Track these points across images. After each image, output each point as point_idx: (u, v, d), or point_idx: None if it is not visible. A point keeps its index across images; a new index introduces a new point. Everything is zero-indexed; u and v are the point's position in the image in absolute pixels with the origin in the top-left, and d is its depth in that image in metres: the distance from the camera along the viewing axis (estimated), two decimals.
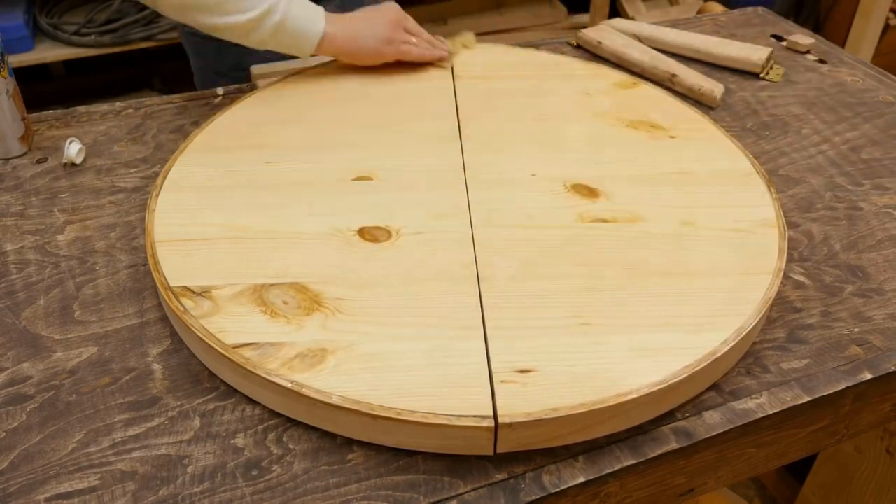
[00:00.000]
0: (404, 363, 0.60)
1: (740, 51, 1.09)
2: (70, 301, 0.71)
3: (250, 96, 0.94)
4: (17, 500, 0.55)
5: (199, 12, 0.86)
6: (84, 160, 0.89)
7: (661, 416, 0.61)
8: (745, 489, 1.49)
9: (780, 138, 0.96)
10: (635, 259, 0.70)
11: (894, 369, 0.67)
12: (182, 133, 0.94)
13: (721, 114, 1.00)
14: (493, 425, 0.55)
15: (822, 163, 0.91)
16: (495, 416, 0.55)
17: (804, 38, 1.17)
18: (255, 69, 1.02)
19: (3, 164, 0.89)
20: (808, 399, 0.64)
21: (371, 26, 0.95)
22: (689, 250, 0.71)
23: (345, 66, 1.00)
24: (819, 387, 0.65)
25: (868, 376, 0.66)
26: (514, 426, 0.55)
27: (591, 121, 0.90)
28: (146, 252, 0.71)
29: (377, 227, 0.73)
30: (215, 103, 1.00)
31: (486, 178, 0.80)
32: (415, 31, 1.00)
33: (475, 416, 0.55)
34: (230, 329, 0.62)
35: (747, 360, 0.67)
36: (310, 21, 0.90)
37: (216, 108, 0.98)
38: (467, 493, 0.56)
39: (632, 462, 0.59)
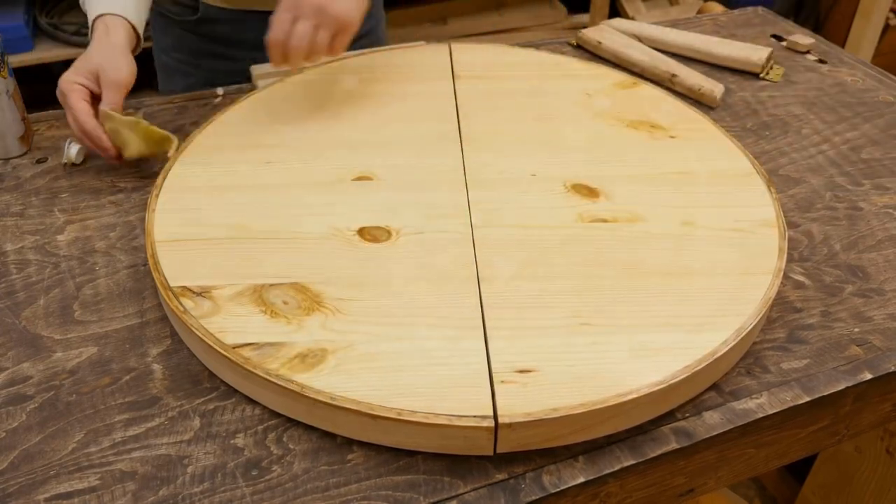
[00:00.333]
0: (404, 363, 0.60)
1: (740, 51, 1.09)
2: (70, 301, 0.71)
3: (250, 96, 0.94)
4: (17, 500, 0.55)
5: None
6: (84, 160, 0.89)
7: (661, 416, 0.61)
8: (745, 489, 1.49)
9: (780, 138, 0.96)
10: (635, 259, 0.70)
11: (894, 369, 0.67)
12: (182, 133, 0.93)
13: (721, 114, 1.00)
14: (493, 425, 0.55)
15: (822, 163, 0.91)
16: (495, 417, 0.55)
17: (804, 38, 1.17)
18: (256, 69, 1.02)
19: (3, 164, 0.89)
20: (808, 399, 0.64)
21: (85, 58, 0.90)
22: (689, 250, 0.71)
23: (345, 66, 1.00)
24: (819, 387, 0.65)
25: (868, 376, 0.66)
26: (514, 426, 0.55)
27: (591, 121, 0.90)
28: (146, 252, 0.71)
29: (377, 227, 0.73)
30: (215, 103, 1.00)
31: (486, 178, 0.80)
32: (109, 100, 0.85)
33: (475, 416, 0.55)
34: (230, 329, 0.62)
35: (747, 360, 0.67)
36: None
37: (216, 108, 0.98)
38: (467, 493, 0.56)
39: (632, 462, 0.59)
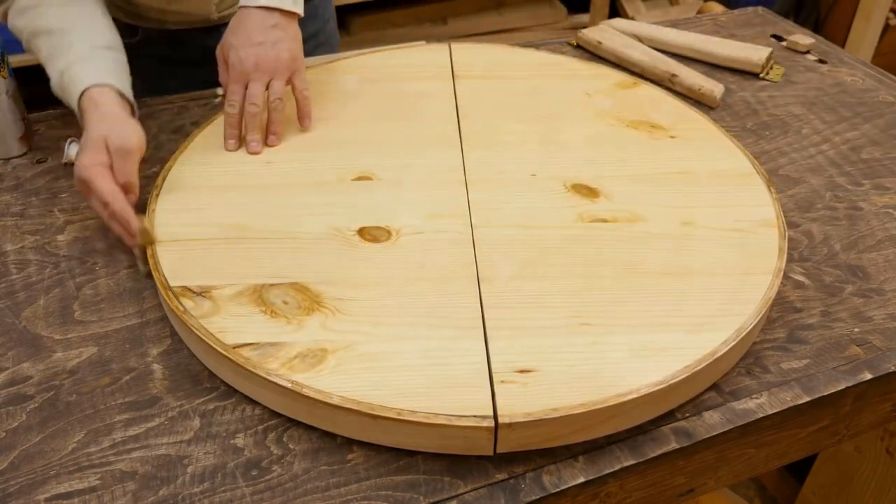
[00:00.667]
0: (404, 363, 0.60)
1: (740, 51, 1.09)
2: (70, 301, 0.71)
3: None
4: (17, 500, 0.55)
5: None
6: None
7: (661, 416, 0.61)
8: (745, 489, 1.49)
9: (780, 138, 0.96)
10: (635, 259, 0.70)
11: (894, 369, 0.67)
12: (182, 133, 0.93)
13: (721, 114, 1.00)
14: (493, 425, 0.55)
15: (822, 163, 0.91)
16: (495, 417, 0.55)
17: (804, 38, 1.17)
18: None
19: (3, 164, 0.89)
20: (808, 399, 0.64)
21: (87, 138, 0.74)
22: (689, 250, 0.71)
23: (344, 66, 1.00)
24: (819, 387, 0.65)
25: (868, 376, 0.66)
26: (514, 426, 0.55)
27: (591, 121, 0.90)
28: (146, 252, 0.71)
29: (377, 227, 0.73)
30: (215, 103, 1.00)
31: (487, 177, 0.80)
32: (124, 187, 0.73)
33: (475, 417, 0.55)
34: (230, 329, 0.62)
35: (747, 360, 0.67)
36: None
37: (216, 108, 0.98)
38: (467, 493, 0.56)
39: (632, 462, 0.59)
